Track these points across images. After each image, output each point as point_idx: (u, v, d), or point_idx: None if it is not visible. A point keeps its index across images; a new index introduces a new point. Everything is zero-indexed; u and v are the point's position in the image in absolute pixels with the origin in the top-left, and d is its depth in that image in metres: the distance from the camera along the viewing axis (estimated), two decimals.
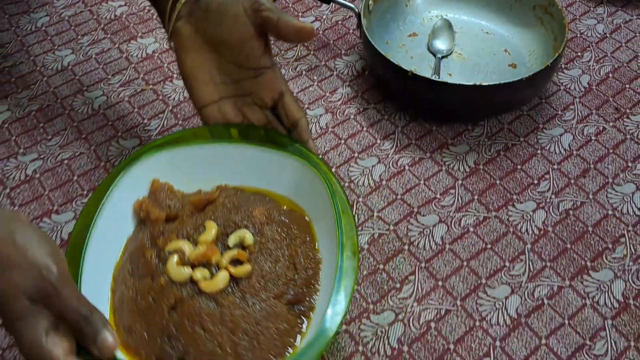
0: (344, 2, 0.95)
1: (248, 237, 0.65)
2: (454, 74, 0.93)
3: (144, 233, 0.67)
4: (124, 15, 1.05)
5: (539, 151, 0.84)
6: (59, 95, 0.91)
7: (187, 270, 0.61)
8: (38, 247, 0.51)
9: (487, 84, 0.80)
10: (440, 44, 0.97)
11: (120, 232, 0.68)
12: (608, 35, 1.02)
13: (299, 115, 0.71)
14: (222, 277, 0.61)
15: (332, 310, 0.58)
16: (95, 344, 0.52)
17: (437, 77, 0.90)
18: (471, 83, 0.80)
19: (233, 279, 0.62)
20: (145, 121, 0.88)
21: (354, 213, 0.66)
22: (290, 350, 0.60)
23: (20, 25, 1.02)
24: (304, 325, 0.62)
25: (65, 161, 0.83)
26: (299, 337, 0.61)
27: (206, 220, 0.66)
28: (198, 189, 0.71)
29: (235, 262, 0.63)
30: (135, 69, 0.95)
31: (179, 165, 0.71)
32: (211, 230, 0.65)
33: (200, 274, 0.61)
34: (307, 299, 0.63)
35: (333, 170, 0.81)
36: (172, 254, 0.63)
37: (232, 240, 0.65)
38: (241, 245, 0.65)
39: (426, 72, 0.93)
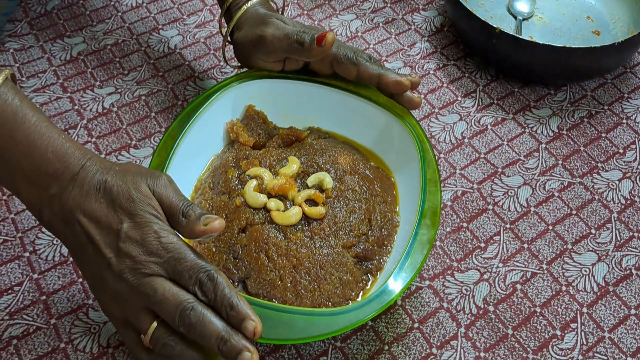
0: None
1: (327, 180, 0.64)
2: (535, 38, 0.90)
3: (230, 153, 0.67)
4: None
5: (624, 120, 0.82)
6: (134, 32, 0.89)
7: (262, 198, 0.61)
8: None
9: (576, 46, 0.77)
10: (522, 6, 0.94)
11: (209, 148, 0.69)
12: None
13: (356, 64, 0.67)
14: (295, 213, 0.61)
15: (395, 277, 0.55)
16: (199, 221, 0.51)
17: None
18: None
19: (305, 217, 0.61)
20: (222, 63, 0.86)
21: None
22: (350, 303, 0.58)
23: None
24: (369, 284, 0.60)
25: (143, 97, 0.81)
26: (361, 293, 0.60)
27: (290, 155, 0.66)
28: (290, 125, 0.71)
29: (310, 202, 0.62)
30: (210, 11, 0.93)
31: (276, 98, 0.71)
32: (292, 165, 0.64)
33: (274, 204, 0.61)
34: (377, 258, 0.62)
35: None
36: (251, 179, 0.63)
37: (311, 180, 0.64)
38: (319, 188, 0.64)
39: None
